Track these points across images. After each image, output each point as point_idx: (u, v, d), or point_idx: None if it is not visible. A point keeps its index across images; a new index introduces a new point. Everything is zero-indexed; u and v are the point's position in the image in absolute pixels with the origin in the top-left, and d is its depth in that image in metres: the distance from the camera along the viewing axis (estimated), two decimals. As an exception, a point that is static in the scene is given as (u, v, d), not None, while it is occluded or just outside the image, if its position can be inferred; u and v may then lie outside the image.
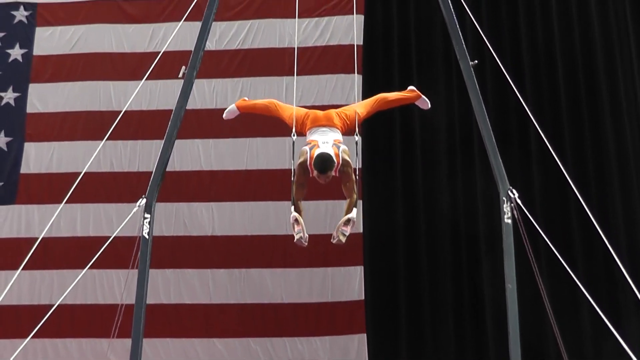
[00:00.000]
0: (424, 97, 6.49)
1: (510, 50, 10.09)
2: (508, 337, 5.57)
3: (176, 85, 7.21)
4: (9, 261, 9.25)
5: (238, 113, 6.57)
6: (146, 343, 6.66)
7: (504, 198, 5.79)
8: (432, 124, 9.88)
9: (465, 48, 6.28)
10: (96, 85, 10.38)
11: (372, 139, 9.93)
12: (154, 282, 8.82)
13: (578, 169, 9.53)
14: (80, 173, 6.72)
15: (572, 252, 9.16)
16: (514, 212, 5.71)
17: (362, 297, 9.55)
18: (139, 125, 10.09)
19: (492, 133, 6.04)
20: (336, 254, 9.43)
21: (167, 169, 6.31)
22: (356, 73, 9.10)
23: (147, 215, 5.92)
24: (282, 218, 9.72)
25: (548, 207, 9.49)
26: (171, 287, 9.74)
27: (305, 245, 5.68)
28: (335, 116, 6.08)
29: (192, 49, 6.50)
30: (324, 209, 9.42)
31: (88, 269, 6.40)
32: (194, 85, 6.52)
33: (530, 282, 6.18)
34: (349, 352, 9.50)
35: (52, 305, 6.31)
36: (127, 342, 5.81)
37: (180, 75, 6.36)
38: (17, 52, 10.53)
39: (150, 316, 6.53)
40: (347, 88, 9.95)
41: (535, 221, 5.83)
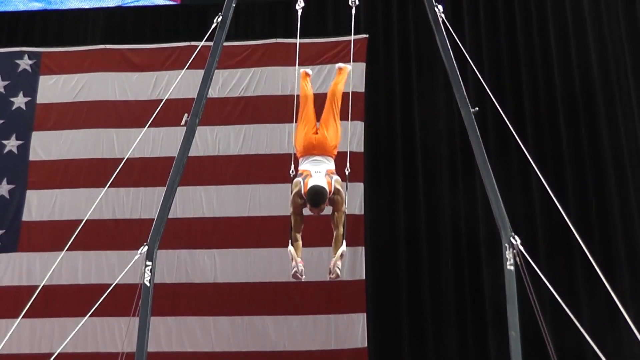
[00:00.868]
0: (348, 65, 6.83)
1: (511, 96, 10.16)
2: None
3: (179, 133, 7.26)
4: (10, 309, 9.18)
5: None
6: (147, 392, 6.60)
7: (506, 245, 5.76)
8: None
9: (466, 95, 6.31)
10: (99, 133, 10.45)
11: (375, 150, 10.15)
12: (155, 330, 8.80)
13: (581, 214, 9.54)
14: (82, 220, 6.72)
15: (576, 298, 9.12)
16: (517, 258, 5.68)
17: (365, 345, 9.47)
18: (141, 172, 10.13)
19: (494, 180, 6.03)
20: (339, 300, 9.41)
21: (169, 216, 6.29)
22: (355, 120, 9.15)
23: (148, 262, 5.88)
24: (284, 265, 9.61)
25: (551, 253, 9.47)
26: (173, 335, 9.67)
27: (301, 278, 5.83)
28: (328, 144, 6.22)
29: (195, 97, 6.54)
30: (326, 256, 9.32)
31: (89, 317, 6.35)
32: (196, 132, 6.53)
33: (534, 328, 6.13)
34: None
35: (53, 353, 6.25)
36: (129, 391, 5.76)
37: (182, 122, 6.37)
38: (20, 100, 10.61)
39: (152, 365, 6.47)
40: (349, 134, 9.97)
41: (538, 267, 5.80)
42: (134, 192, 10.14)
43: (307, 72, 6.97)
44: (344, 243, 5.92)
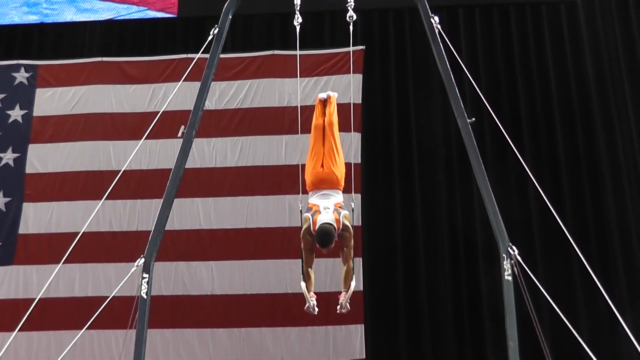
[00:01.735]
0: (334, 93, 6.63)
1: (507, 105, 10.19)
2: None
3: (176, 145, 7.24)
4: (7, 322, 9.14)
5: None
6: (145, 405, 6.58)
7: (504, 255, 5.75)
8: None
9: (462, 106, 6.31)
10: (96, 145, 10.43)
11: (372, 160, 10.20)
12: (152, 342, 8.78)
13: (578, 222, 9.56)
14: (79, 233, 6.71)
15: (574, 307, 9.11)
16: (515, 268, 5.67)
17: (364, 356, 9.44)
18: (138, 184, 10.11)
19: (491, 190, 6.03)
20: (337, 312, 9.37)
21: (166, 228, 6.28)
22: (354, 131, 9.16)
23: (145, 274, 5.88)
24: (282, 276, 9.70)
25: (548, 261, 9.47)
26: (170, 347, 9.63)
27: (314, 313, 5.92)
28: (336, 179, 6.21)
29: (192, 109, 6.54)
30: (324, 268, 9.35)
31: (86, 329, 6.35)
32: (193, 144, 6.54)
33: (532, 337, 6.11)
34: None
35: (50, 367, 6.25)
36: (126, 405, 5.75)
37: (179, 134, 6.38)
38: (17, 113, 10.60)
39: (149, 377, 6.46)
40: (346, 146, 9.99)
41: (536, 276, 5.79)
42: (131, 204, 10.12)
43: (321, 98, 6.62)
44: (354, 278, 6.04)
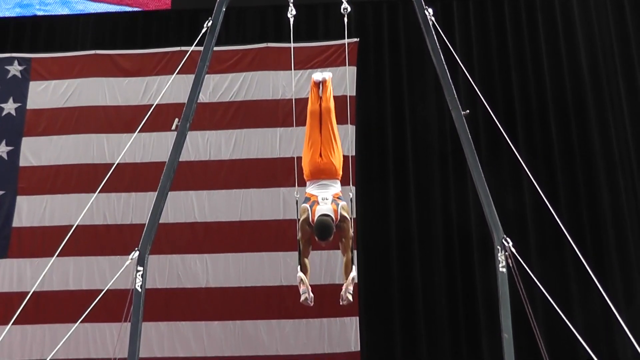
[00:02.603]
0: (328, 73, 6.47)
1: (502, 98, 10.19)
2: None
3: (169, 138, 7.24)
4: (1, 316, 9.15)
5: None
6: (140, 397, 6.58)
7: (498, 247, 5.76)
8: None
9: (457, 98, 6.31)
10: (89, 138, 10.40)
11: (366, 153, 10.18)
12: (147, 335, 8.77)
13: (572, 215, 9.57)
14: (72, 226, 6.69)
15: (569, 299, 9.13)
16: (509, 260, 5.68)
17: (358, 349, 9.45)
18: (132, 177, 10.10)
19: (485, 183, 6.03)
20: (332, 304, 9.33)
21: (160, 221, 6.27)
22: (349, 124, 9.15)
23: (139, 267, 5.87)
24: (276, 269, 9.70)
25: (543, 254, 9.49)
26: (165, 340, 9.64)
27: (310, 305, 5.89)
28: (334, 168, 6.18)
29: (186, 102, 6.52)
30: (318, 260, 9.36)
31: (80, 322, 6.34)
32: (187, 137, 6.51)
33: (527, 330, 6.13)
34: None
35: (44, 360, 6.24)
36: (121, 397, 5.74)
37: (173, 127, 6.36)
38: (10, 106, 10.56)
39: (144, 370, 6.45)
40: (342, 138, 9.96)
41: (530, 269, 5.80)
42: (125, 198, 10.10)
43: (316, 80, 6.40)
44: (354, 268, 6.02)
